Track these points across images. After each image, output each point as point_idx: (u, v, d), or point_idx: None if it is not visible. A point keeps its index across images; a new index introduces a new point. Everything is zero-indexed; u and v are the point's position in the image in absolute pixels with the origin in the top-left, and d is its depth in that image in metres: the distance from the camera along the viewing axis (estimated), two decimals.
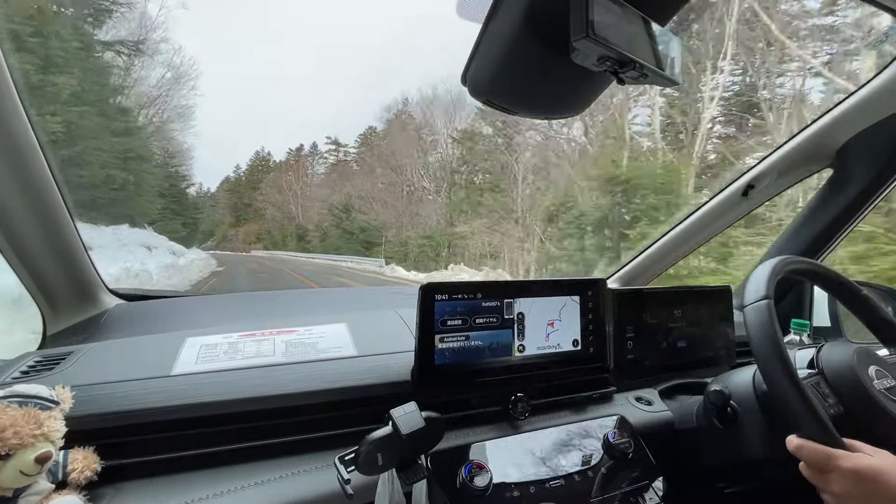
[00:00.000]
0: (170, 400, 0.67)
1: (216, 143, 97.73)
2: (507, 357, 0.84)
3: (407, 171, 34.43)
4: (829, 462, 0.58)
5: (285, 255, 42.95)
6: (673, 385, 1.05)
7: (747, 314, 0.66)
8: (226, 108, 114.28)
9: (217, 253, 47.95)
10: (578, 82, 0.62)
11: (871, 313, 0.81)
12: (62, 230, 0.89)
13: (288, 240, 52.61)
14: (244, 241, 62.90)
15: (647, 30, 0.54)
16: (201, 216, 54.74)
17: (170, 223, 25.12)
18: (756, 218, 6.04)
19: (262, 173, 68.65)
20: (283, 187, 58.92)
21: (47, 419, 0.55)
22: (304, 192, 55.76)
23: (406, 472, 0.58)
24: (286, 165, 62.52)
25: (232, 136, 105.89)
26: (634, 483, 0.77)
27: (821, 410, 0.60)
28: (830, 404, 0.68)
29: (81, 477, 0.57)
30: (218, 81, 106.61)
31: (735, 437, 0.81)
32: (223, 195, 74.58)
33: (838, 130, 1.05)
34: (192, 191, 66.55)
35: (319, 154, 59.98)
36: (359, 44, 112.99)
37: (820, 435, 0.60)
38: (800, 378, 0.61)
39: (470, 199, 24.92)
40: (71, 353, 0.77)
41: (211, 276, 15.65)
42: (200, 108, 78.01)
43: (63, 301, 0.97)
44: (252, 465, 0.67)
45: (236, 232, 67.73)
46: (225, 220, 72.19)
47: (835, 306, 1.26)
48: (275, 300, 1.42)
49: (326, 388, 0.74)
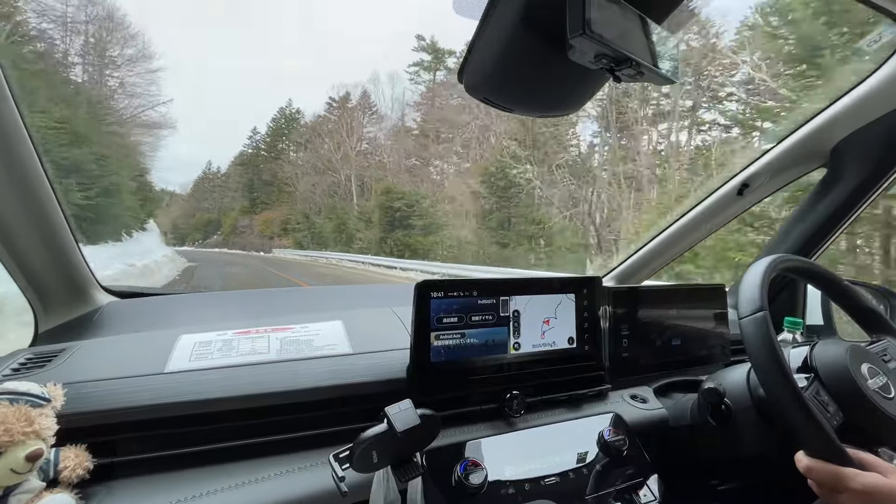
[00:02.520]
0: (163, 397, 0.66)
1: (221, 107, 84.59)
2: (502, 355, 0.84)
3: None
4: (839, 483, 0.57)
5: (338, 258, 23.97)
6: (667, 383, 1.05)
7: (744, 327, 0.67)
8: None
9: (225, 252, 37.56)
10: (575, 80, 0.62)
11: (855, 304, 0.86)
12: (55, 227, 0.88)
13: (332, 235, 31.72)
14: (263, 231, 44.63)
15: (644, 28, 0.54)
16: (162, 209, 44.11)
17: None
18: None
19: (288, 138, 49.16)
20: (326, 153, 38.22)
21: (38, 416, 0.55)
22: (363, 159, 36.72)
23: (401, 469, 0.58)
24: (324, 124, 41.29)
25: (247, 90, 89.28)
26: (629, 480, 0.78)
27: (827, 427, 0.60)
28: (832, 413, 0.69)
29: (73, 475, 0.57)
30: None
31: (729, 435, 0.82)
32: (236, 174, 57.33)
33: (831, 130, 1.06)
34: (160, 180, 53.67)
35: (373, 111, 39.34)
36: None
37: (829, 454, 0.59)
38: (802, 393, 0.62)
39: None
40: (63, 351, 0.77)
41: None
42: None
43: (55, 298, 0.96)
44: (246, 462, 0.67)
45: (251, 221, 49.10)
46: (235, 205, 55.05)
47: (828, 305, 1.26)
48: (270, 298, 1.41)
49: (321, 386, 0.74)
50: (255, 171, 53.12)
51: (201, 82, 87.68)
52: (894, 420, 0.69)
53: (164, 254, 17.17)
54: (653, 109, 17.79)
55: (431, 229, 23.83)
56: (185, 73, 74.74)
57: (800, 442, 0.63)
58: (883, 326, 0.86)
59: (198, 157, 69.89)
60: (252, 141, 55.25)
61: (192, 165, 67.31)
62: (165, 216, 66.98)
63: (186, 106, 78.88)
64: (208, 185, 65.01)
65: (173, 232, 62.01)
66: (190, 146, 67.02)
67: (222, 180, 61.48)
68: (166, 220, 63.92)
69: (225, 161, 65.83)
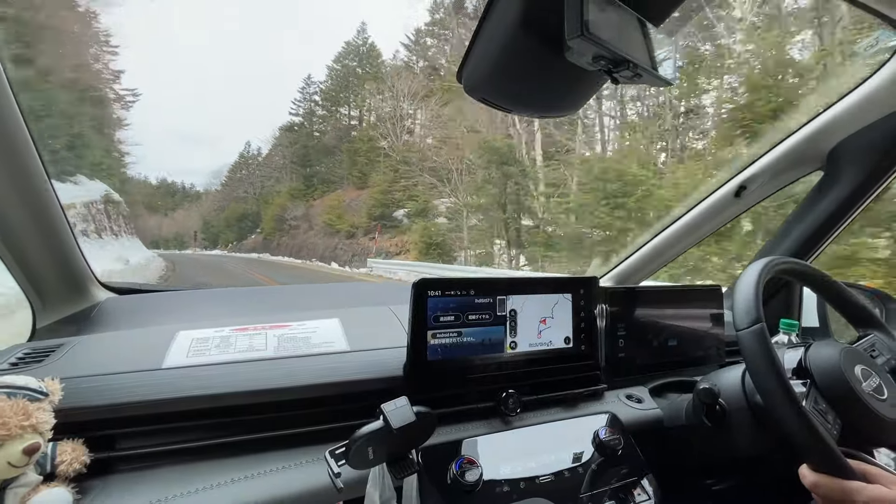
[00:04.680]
0: (160, 393, 0.66)
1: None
2: (499, 353, 0.84)
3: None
4: (844, 497, 0.59)
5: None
6: (663, 383, 1.06)
7: (742, 339, 0.68)
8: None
9: (268, 260, 25.28)
10: (573, 81, 0.63)
11: (844, 301, 0.88)
12: (54, 223, 0.88)
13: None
14: (333, 225, 27.63)
15: (643, 30, 0.54)
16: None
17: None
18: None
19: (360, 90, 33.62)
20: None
21: (36, 410, 0.55)
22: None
23: (397, 466, 0.58)
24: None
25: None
26: (624, 479, 0.78)
27: (830, 441, 0.61)
28: (831, 423, 0.70)
29: (70, 469, 0.57)
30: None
31: (723, 435, 0.82)
32: (281, 146, 40.41)
33: (828, 134, 1.07)
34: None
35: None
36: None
37: (833, 468, 0.60)
38: (804, 406, 0.62)
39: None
40: (61, 346, 0.77)
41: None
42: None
43: (53, 293, 0.96)
44: (242, 458, 0.67)
45: (308, 210, 32.02)
46: (280, 188, 37.43)
47: (823, 307, 1.27)
48: (269, 295, 1.41)
49: (318, 383, 0.74)
50: (309, 138, 35.62)
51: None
52: (888, 421, 0.70)
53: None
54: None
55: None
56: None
57: (804, 456, 0.64)
58: (869, 321, 0.88)
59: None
60: (305, 97, 37.04)
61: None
62: (193, 213, 58.98)
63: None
64: (244, 172, 49.53)
65: (204, 231, 53.41)
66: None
67: (261, 163, 44.76)
68: (192, 218, 56.20)
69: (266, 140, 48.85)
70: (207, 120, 42.74)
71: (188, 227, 57.99)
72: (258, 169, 45.91)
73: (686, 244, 1.41)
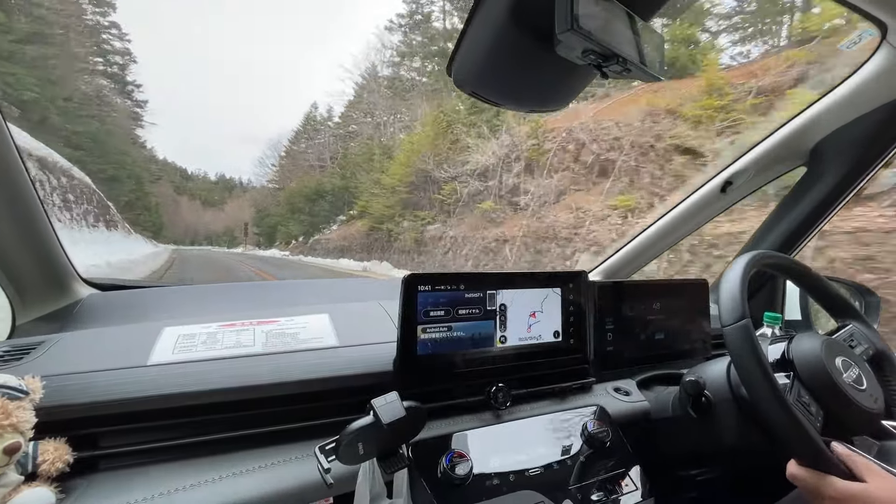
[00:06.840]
0: (145, 390, 0.65)
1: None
2: (488, 348, 0.85)
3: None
4: (819, 490, 0.63)
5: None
6: (650, 376, 1.07)
7: (728, 335, 0.70)
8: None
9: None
10: (563, 76, 0.63)
11: (823, 293, 0.92)
12: (32, 217, 0.86)
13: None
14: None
15: (632, 25, 0.54)
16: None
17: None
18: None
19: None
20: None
21: (16, 409, 0.54)
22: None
23: (387, 461, 0.58)
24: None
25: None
26: (612, 471, 0.79)
27: (815, 434, 0.64)
28: (814, 414, 0.72)
29: (52, 468, 0.56)
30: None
31: (709, 426, 0.84)
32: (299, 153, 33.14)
33: (811, 130, 1.09)
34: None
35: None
36: None
37: (817, 462, 0.63)
38: (788, 400, 0.65)
39: None
40: (42, 343, 0.75)
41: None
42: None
43: (33, 289, 0.94)
44: (230, 455, 0.66)
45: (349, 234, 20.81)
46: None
47: (805, 301, 1.30)
48: (257, 290, 1.40)
49: (307, 379, 0.73)
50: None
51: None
52: (868, 412, 0.72)
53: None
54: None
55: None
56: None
57: (789, 450, 0.67)
58: (847, 311, 0.91)
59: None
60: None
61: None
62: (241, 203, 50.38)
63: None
64: (311, 143, 37.80)
65: (258, 224, 42.86)
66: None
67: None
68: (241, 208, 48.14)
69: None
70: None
71: (239, 221, 48.80)
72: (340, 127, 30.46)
73: (674, 238, 1.43)
